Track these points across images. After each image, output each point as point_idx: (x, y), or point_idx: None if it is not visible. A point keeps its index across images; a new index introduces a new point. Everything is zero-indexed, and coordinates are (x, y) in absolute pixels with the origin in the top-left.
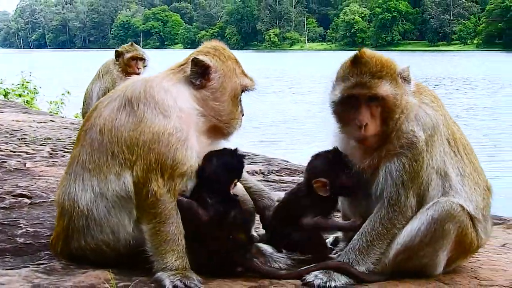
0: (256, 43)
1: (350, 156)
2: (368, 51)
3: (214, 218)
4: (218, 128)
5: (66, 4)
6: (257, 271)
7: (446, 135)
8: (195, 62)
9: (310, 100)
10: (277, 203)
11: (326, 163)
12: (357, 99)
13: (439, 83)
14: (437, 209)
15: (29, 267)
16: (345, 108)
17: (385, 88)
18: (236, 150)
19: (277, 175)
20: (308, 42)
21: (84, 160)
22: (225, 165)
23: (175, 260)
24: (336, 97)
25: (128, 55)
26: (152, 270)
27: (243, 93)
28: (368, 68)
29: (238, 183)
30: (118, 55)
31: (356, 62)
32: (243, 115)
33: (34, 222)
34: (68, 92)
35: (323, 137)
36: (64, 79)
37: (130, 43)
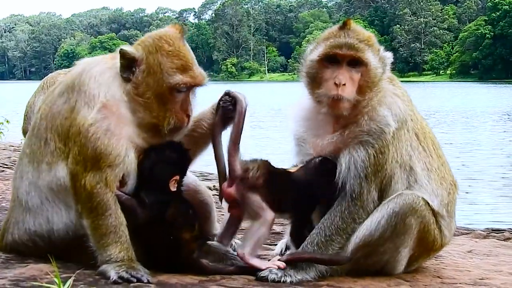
0: (212, 73)
1: (315, 130)
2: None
3: (151, 218)
4: (155, 124)
5: (4, 32)
6: (204, 271)
7: (415, 130)
8: (122, 54)
9: (269, 135)
10: None
11: None
12: (338, 61)
13: None
14: (399, 202)
15: None
16: (324, 69)
17: (368, 55)
18: (179, 143)
19: None
20: (268, 72)
21: (25, 144)
22: (164, 160)
23: (119, 252)
24: (317, 55)
25: None
26: (97, 264)
27: (180, 91)
28: (356, 34)
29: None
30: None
31: (344, 27)
32: (188, 115)
33: None
34: (7, 121)
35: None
36: (3, 111)
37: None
